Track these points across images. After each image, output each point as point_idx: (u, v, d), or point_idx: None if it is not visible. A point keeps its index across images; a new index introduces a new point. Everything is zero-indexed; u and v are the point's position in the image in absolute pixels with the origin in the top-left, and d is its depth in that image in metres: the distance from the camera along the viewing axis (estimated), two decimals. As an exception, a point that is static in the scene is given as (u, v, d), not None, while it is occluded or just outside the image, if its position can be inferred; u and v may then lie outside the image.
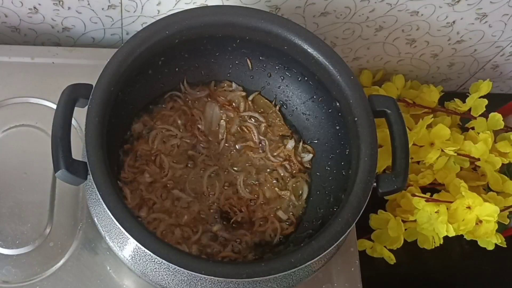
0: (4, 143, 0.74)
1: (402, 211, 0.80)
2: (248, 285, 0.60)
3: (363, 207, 0.60)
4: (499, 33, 0.88)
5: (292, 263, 0.57)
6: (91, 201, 0.64)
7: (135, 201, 0.68)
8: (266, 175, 0.73)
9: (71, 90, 0.62)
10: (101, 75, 0.62)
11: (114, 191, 0.57)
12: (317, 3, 0.79)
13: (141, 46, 0.64)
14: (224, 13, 0.67)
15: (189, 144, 0.73)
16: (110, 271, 0.70)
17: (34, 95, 0.77)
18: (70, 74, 0.75)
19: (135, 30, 0.65)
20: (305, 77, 0.72)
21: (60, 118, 0.60)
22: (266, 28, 0.67)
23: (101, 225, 0.64)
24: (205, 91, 0.76)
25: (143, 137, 0.72)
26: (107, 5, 0.78)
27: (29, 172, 0.73)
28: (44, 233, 0.70)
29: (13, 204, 0.71)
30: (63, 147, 0.58)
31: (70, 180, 0.59)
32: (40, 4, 0.78)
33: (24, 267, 0.68)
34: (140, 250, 0.60)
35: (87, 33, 0.85)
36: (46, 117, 0.74)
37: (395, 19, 0.83)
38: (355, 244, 0.75)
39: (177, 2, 0.79)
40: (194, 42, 0.68)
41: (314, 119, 0.74)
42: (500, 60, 0.96)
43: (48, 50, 0.81)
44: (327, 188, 0.71)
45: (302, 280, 0.63)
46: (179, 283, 0.60)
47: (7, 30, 0.84)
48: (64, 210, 0.72)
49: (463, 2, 0.80)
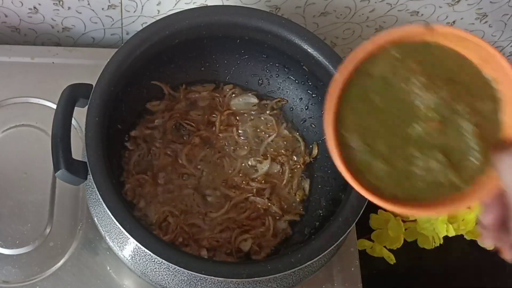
0: (4, 143, 0.75)
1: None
2: (248, 285, 0.60)
3: (363, 207, 0.60)
4: (499, 33, 0.88)
5: (292, 263, 0.57)
6: (91, 201, 0.64)
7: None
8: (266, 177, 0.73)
9: (71, 90, 0.62)
10: (101, 75, 0.62)
11: (114, 191, 0.57)
12: (317, 3, 0.79)
13: (141, 46, 0.64)
14: (224, 13, 0.67)
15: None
16: (110, 271, 0.70)
17: (34, 95, 0.77)
18: (70, 74, 0.75)
19: (135, 30, 0.66)
20: (305, 77, 0.72)
21: (60, 118, 0.60)
22: (266, 28, 0.67)
23: (101, 225, 0.64)
24: (205, 91, 0.76)
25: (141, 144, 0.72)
26: (107, 5, 0.78)
27: (29, 172, 0.73)
28: (44, 233, 0.70)
29: (13, 204, 0.71)
30: (63, 147, 0.58)
31: (70, 180, 0.59)
32: (40, 4, 0.78)
33: (24, 267, 0.68)
34: (140, 250, 0.60)
35: (87, 33, 0.85)
36: (46, 117, 0.74)
37: (395, 19, 0.83)
38: (355, 244, 0.75)
39: (177, 2, 0.79)
40: (194, 42, 0.68)
41: (315, 119, 0.74)
42: (500, 60, 0.96)
43: (48, 50, 0.81)
44: (327, 189, 0.71)
45: (302, 280, 0.63)
46: (179, 283, 0.60)
47: (7, 30, 0.84)
48: (64, 210, 0.72)
49: (463, 2, 0.80)
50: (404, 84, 0.42)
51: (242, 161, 0.73)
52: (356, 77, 0.43)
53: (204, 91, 0.76)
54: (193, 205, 0.70)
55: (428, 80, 0.42)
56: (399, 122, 0.42)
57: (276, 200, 0.72)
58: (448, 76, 0.43)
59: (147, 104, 0.74)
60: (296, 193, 0.73)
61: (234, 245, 0.69)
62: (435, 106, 0.42)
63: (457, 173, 0.41)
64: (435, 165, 0.41)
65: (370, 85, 0.43)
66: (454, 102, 0.42)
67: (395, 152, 0.42)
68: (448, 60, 0.43)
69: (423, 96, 0.42)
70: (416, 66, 0.42)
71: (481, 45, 0.41)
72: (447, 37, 0.43)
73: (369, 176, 0.42)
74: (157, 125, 0.74)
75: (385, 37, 0.43)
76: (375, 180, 0.42)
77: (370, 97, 0.43)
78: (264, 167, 0.73)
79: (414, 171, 0.42)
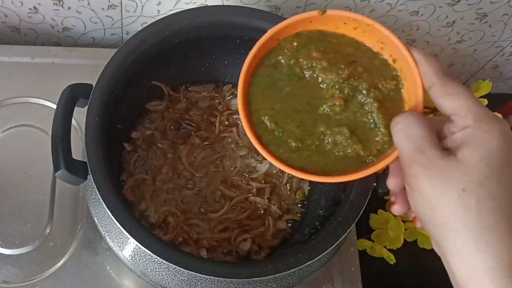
0: (4, 143, 0.75)
1: (402, 211, 0.79)
2: (248, 285, 0.60)
3: (363, 207, 0.60)
4: (499, 33, 0.88)
5: (292, 263, 0.57)
6: (91, 201, 0.64)
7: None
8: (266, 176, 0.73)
9: (71, 90, 0.62)
10: (101, 75, 0.62)
11: (114, 191, 0.57)
12: (317, 3, 0.79)
13: (141, 46, 0.64)
14: (224, 13, 0.67)
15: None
16: (110, 271, 0.70)
17: (34, 95, 0.77)
18: (70, 74, 0.75)
19: (135, 30, 0.66)
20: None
21: (60, 118, 0.60)
22: (266, 28, 0.65)
23: (101, 225, 0.64)
24: (205, 91, 0.76)
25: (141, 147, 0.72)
26: (107, 5, 0.78)
27: (29, 172, 0.73)
28: (44, 233, 0.70)
29: (13, 204, 0.71)
30: (63, 147, 0.58)
31: (70, 180, 0.59)
32: (40, 4, 0.78)
33: (24, 267, 0.68)
34: (140, 250, 0.60)
35: (87, 33, 0.85)
36: (46, 117, 0.75)
37: (395, 19, 0.83)
38: (355, 244, 0.75)
39: (177, 2, 0.79)
40: (194, 42, 0.68)
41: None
42: (500, 60, 0.96)
43: (48, 50, 0.81)
44: (327, 189, 0.71)
45: (302, 280, 0.63)
46: (179, 283, 0.60)
47: (7, 30, 0.84)
48: (64, 210, 0.72)
49: (463, 2, 0.80)
50: (307, 71, 0.46)
51: (242, 161, 0.73)
52: (262, 69, 0.46)
53: (204, 91, 0.76)
54: (193, 205, 0.70)
55: (330, 64, 0.45)
56: (308, 105, 0.45)
57: (276, 200, 0.72)
58: (348, 60, 0.46)
59: (147, 104, 0.74)
60: (296, 193, 0.73)
61: (233, 245, 0.69)
62: (338, 85, 0.45)
63: (364, 146, 0.44)
64: (342, 140, 0.44)
65: (276, 75, 0.46)
66: (356, 81, 0.45)
67: (306, 131, 0.45)
68: (347, 46, 0.46)
69: (326, 78, 0.45)
70: (317, 54, 0.45)
71: (376, 27, 0.44)
72: (342, 20, 0.45)
73: (281, 150, 0.45)
74: (157, 125, 0.74)
75: (281, 26, 0.45)
76: (285, 156, 0.44)
77: (278, 86, 0.46)
78: (263, 167, 0.73)
79: (324, 148, 0.44)
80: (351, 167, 0.44)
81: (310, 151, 0.44)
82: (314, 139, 0.44)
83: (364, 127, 0.45)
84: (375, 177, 0.62)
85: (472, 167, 0.37)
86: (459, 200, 0.37)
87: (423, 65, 0.42)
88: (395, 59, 0.45)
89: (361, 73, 0.45)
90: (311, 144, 0.44)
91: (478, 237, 0.37)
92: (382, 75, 0.45)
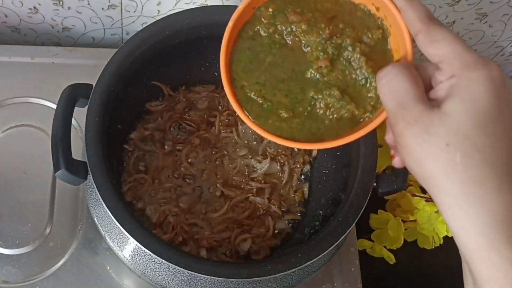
0: (4, 143, 0.75)
1: (402, 211, 0.80)
2: (248, 285, 0.60)
3: (363, 207, 0.60)
4: (499, 33, 0.88)
5: (292, 263, 0.57)
6: (91, 201, 0.64)
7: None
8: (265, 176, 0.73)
9: (71, 90, 0.62)
10: (101, 75, 0.62)
11: (114, 191, 0.57)
12: None
13: (141, 46, 0.64)
14: (224, 13, 0.67)
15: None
16: (110, 271, 0.70)
17: (34, 95, 0.77)
18: (70, 74, 0.75)
19: (135, 30, 0.65)
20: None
21: (60, 118, 0.60)
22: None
23: (101, 225, 0.64)
24: (205, 92, 0.76)
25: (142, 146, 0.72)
26: (107, 5, 0.78)
27: (29, 172, 0.73)
28: (44, 233, 0.70)
29: (13, 204, 0.71)
30: (63, 147, 0.58)
31: (70, 180, 0.59)
32: (40, 4, 0.78)
33: (24, 267, 0.68)
34: (140, 250, 0.60)
35: (87, 33, 0.85)
36: (46, 117, 0.75)
37: (395, 19, 0.83)
38: (355, 244, 0.75)
39: (177, 2, 0.79)
40: (194, 42, 0.68)
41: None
42: (500, 60, 0.96)
43: (48, 50, 0.81)
44: (327, 189, 0.71)
45: (302, 280, 0.63)
46: (179, 283, 0.60)
47: (7, 30, 0.84)
48: (64, 210, 0.72)
49: (463, 2, 0.80)
50: (288, 37, 0.44)
51: (241, 161, 0.73)
52: (242, 43, 0.45)
53: (204, 91, 0.76)
54: (193, 205, 0.70)
55: (309, 25, 0.43)
56: (292, 72, 0.44)
57: (276, 200, 0.72)
58: (327, 17, 0.44)
59: (147, 104, 0.74)
60: (295, 193, 0.73)
61: (233, 245, 0.69)
62: (321, 46, 0.43)
63: (357, 105, 0.43)
64: (334, 102, 0.43)
65: (256, 47, 0.45)
66: (338, 39, 0.43)
67: (296, 98, 0.43)
68: (325, 1, 0.44)
69: (308, 41, 0.43)
70: (295, 17, 0.44)
71: None
72: None
73: (270, 120, 0.43)
74: (157, 126, 0.74)
75: None
76: (275, 126, 0.43)
77: (259, 58, 0.44)
78: (263, 166, 0.73)
79: (317, 113, 0.43)
80: (346, 128, 0.43)
81: (302, 118, 0.43)
82: (306, 105, 0.43)
83: (356, 85, 0.43)
84: (375, 177, 0.62)
85: (456, 119, 0.36)
86: (444, 155, 0.36)
87: (406, 11, 0.39)
88: (378, 7, 0.43)
89: (343, 28, 0.43)
90: (303, 111, 0.43)
91: (467, 192, 0.35)
92: (367, 26, 0.43)
